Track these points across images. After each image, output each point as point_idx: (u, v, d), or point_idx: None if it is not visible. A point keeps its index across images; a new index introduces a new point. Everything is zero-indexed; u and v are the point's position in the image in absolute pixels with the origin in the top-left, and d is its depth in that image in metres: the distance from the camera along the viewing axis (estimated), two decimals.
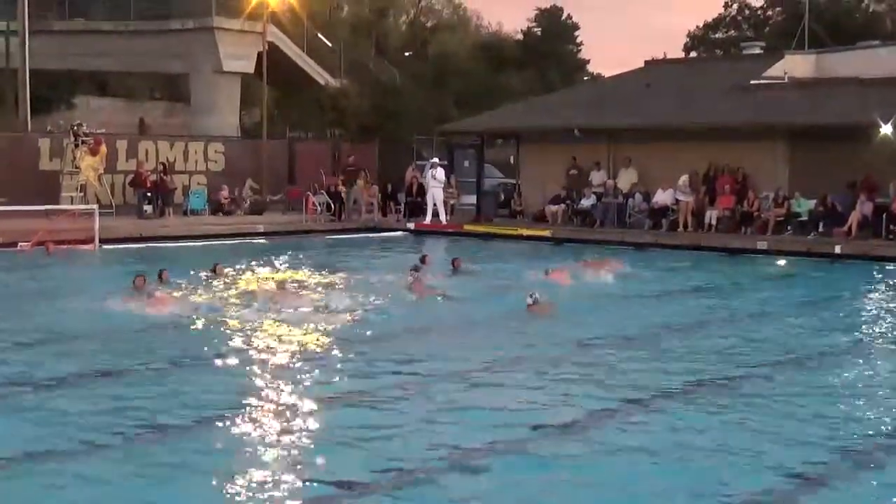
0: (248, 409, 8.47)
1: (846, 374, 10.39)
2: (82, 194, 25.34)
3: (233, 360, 10.41)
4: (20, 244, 20.45)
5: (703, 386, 9.67)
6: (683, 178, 24.78)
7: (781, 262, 20.81)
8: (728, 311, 14.65)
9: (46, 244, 20.04)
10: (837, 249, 20.99)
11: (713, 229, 24.10)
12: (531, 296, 13.30)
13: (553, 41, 58.39)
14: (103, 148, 26.22)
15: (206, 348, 10.97)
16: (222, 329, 12.03)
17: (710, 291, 16.91)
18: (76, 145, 25.58)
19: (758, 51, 33.64)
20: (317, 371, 9.95)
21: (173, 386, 9.38)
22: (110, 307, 13.09)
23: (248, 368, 10.03)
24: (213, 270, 16.41)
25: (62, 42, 39.87)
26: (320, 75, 44.38)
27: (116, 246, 21.54)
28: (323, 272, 17.31)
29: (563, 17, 60.57)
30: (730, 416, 8.48)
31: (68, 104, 45.45)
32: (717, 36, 58.08)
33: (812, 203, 23.10)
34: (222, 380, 9.64)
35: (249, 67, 39.43)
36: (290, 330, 11.97)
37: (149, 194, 26.91)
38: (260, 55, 33.30)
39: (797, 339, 12.11)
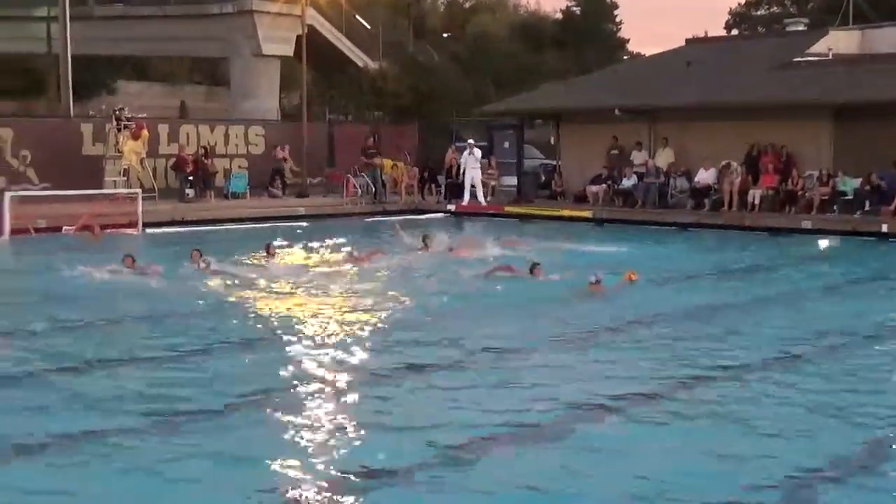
0: (276, 391, 8.50)
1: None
2: (125, 178, 25.54)
3: (258, 342, 10.54)
4: (65, 228, 20.72)
5: (756, 364, 9.59)
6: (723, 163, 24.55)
7: (824, 241, 20.47)
8: (775, 291, 14.47)
9: (91, 228, 20.29)
10: (884, 228, 20.67)
11: (756, 209, 23.83)
12: (594, 275, 13.31)
13: (593, 20, 58.00)
14: (145, 132, 26.39)
15: (239, 330, 11.13)
16: (254, 310, 12.23)
17: (755, 271, 16.74)
18: (118, 130, 25.75)
19: (801, 27, 33.16)
20: (363, 351, 9.98)
21: (211, 368, 9.45)
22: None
23: (273, 349, 10.09)
24: (267, 250, 16.65)
25: (102, 27, 40.25)
26: (359, 57, 44.48)
27: (159, 229, 21.81)
28: (356, 253, 17.34)
29: None
30: (786, 395, 8.43)
31: (109, 89, 45.86)
32: (759, 13, 57.48)
33: (857, 182, 22.75)
34: (250, 362, 9.74)
35: (289, 50, 39.59)
36: (326, 311, 12.05)
37: (191, 178, 27.11)
38: (299, 38, 33.36)
39: (845, 319, 11.91)
